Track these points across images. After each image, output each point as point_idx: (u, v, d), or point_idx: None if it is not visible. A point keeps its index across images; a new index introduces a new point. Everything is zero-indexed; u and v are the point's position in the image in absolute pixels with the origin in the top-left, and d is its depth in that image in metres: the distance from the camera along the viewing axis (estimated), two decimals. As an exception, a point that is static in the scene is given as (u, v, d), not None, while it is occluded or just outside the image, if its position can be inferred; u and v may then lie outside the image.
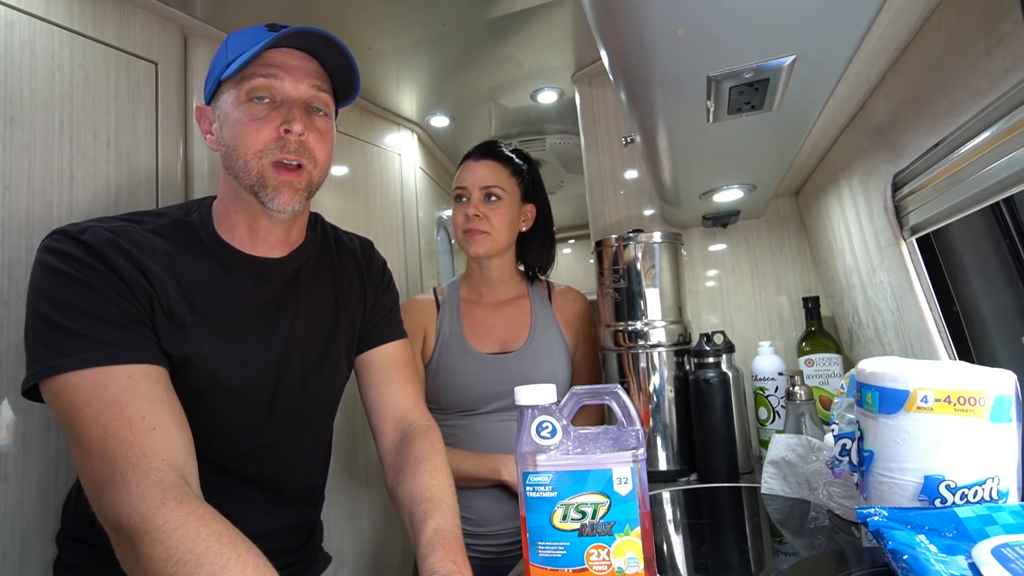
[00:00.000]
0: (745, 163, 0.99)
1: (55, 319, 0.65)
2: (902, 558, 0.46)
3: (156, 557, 0.55)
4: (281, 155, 0.75)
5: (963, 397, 0.53)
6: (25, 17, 0.97)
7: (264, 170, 0.75)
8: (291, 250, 0.86)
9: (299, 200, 0.77)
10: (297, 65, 0.77)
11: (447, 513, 0.75)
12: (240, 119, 0.74)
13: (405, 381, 0.95)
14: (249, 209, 0.79)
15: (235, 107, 0.75)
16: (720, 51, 0.59)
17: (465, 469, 1.12)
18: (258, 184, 0.75)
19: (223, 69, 0.75)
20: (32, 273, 0.69)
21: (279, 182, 0.75)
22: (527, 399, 0.62)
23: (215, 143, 0.79)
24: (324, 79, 0.80)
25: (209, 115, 0.80)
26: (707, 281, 1.50)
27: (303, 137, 0.75)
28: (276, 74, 0.75)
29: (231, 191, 0.79)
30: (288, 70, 0.76)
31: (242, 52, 0.74)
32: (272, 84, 0.75)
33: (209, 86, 0.79)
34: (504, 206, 1.18)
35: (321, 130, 0.79)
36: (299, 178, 0.77)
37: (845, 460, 0.69)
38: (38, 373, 0.64)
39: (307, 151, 0.77)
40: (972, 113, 0.66)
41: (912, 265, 0.92)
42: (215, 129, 0.79)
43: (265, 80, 0.74)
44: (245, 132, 0.74)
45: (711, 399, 1.09)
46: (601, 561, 0.57)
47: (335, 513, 1.45)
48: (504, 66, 1.61)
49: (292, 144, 0.75)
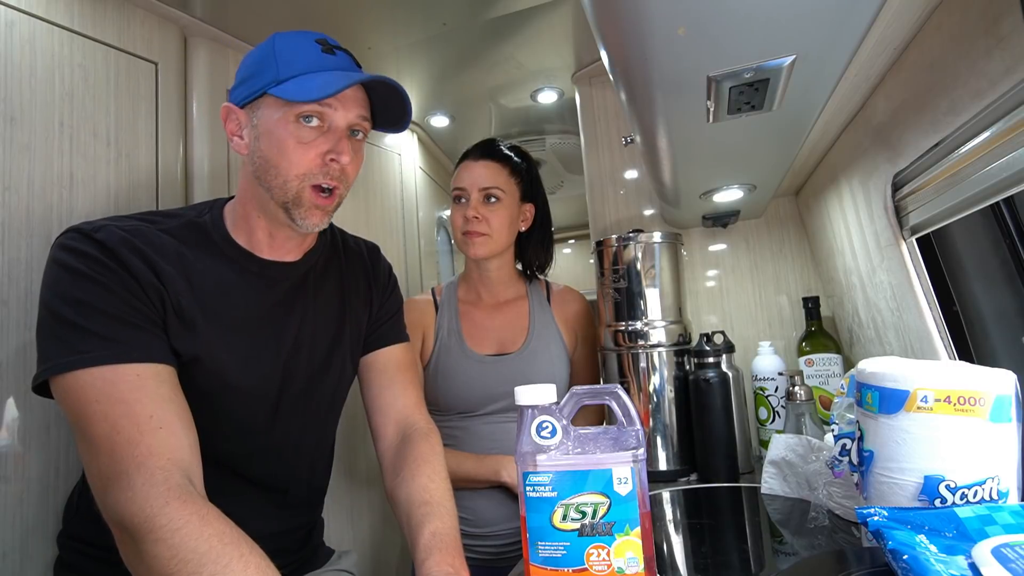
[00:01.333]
0: (745, 163, 0.99)
1: (67, 316, 0.66)
2: (902, 558, 0.46)
3: (159, 556, 0.56)
4: (323, 181, 0.77)
5: (963, 397, 0.53)
6: (25, 17, 0.97)
7: (302, 192, 0.76)
8: (303, 254, 0.87)
9: (327, 220, 0.81)
10: (349, 95, 0.78)
11: (445, 516, 0.75)
12: (286, 139, 0.75)
13: (407, 383, 0.95)
14: (272, 220, 0.81)
15: (281, 124, 0.75)
16: (720, 51, 0.59)
17: (465, 471, 1.12)
18: (293, 203, 0.77)
19: (273, 83, 0.74)
20: (46, 270, 0.70)
21: (314, 205, 0.77)
22: (527, 399, 0.62)
23: (244, 148, 0.79)
24: (368, 107, 0.82)
25: (242, 119, 0.79)
26: (707, 281, 1.50)
27: (346, 166, 0.78)
28: (331, 104, 0.76)
29: (256, 200, 0.80)
30: (342, 100, 0.77)
31: (296, 72, 0.74)
32: (324, 111, 0.76)
33: (248, 92, 0.77)
34: (504, 207, 1.18)
35: (358, 153, 0.82)
36: (332, 203, 0.80)
37: (845, 460, 0.69)
38: (50, 369, 0.65)
39: (344, 176, 0.79)
40: (972, 113, 0.66)
41: (912, 265, 0.92)
42: (247, 135, 0.79)
43: (319, 107, 0.75)
44: (291, 154, 0.75)
45: (711, 399, 1.09)
46: (601, 561, 0.57)
47: (335, 513, 1.45)
48: (504, 66, 1.61)
49: (335, 171, 0.77)
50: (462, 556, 0.71)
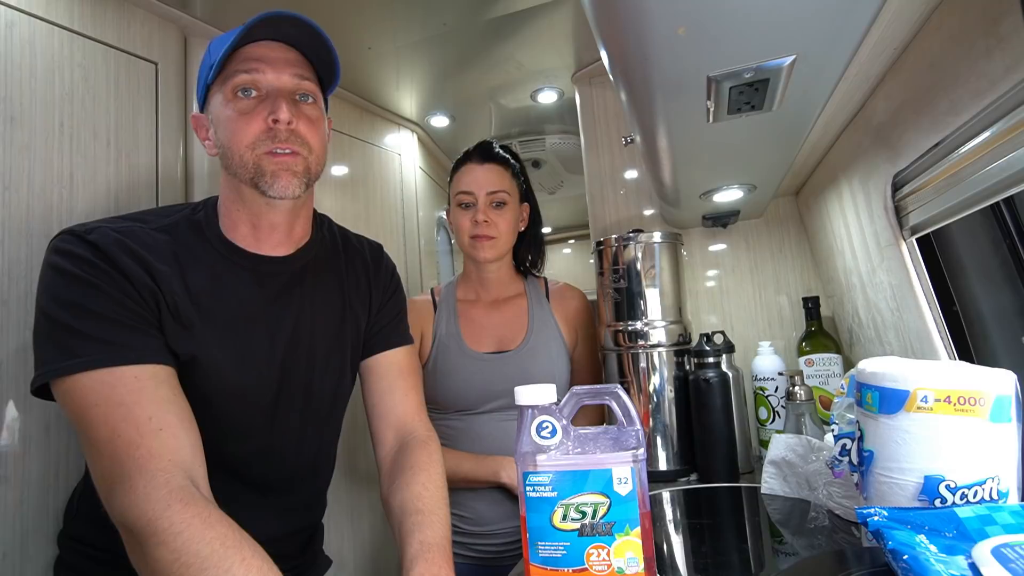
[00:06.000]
0: (745, 163, 0.99)
1: (63, 319, 0.65)
2: (902, 558, 0.46)
3: (162, 559, 0.56)
4: (273, 145, 0.75)
5: (963, 397, 0.53)
6: (25, 17, 0.97)
7: (259, 160, 0.75)
8: (296, 248, 0.86)
9: (298, 184, 0.77)
10: (277, 56, 0.77)
11: (436, 525, 0.75)
12: (230, 116, 0.75)
13: (408, 388, 0.94)
14: (251, 205, 0.79)
15: (224, 106, 0.76)
16: (720, 51, 0.59)
17: (464, 471, 1.12)
18: (256, 174, 0.75)
19: (208, 71, 0.77)
20: (40, 273, 0.70)
21: (276, 165, 0.75)
22: (527, 399, 0.61)
23: (212, 147, 0.80)
24: (307, 67, 0.80)
25: (204, 122, 0.81)
26: (707, 281, 1.50)
27: (292, 125, 0.75)
28: (257, 68, 0.75)
29: (232, 190, 0.80)
30: (269, 62, 0.76)
31: (223, 47, 0.75)
32: (255, 78, 0.75)
33: (199, 93, 0.80)
34: (510, 210, 1.19)
35: (311, 117, 0.79)
36: (295, 161, 0.77)
37: (845, 460, 0.69)
38: (47, 374, 0.65)
39: (299, 138, 0.77)
40: (972, 113, 0.66)
41: (912, 265, 0.92)
42: (211, 135, 0.79)
43: (248, 75, 0.75)
44: (235, 128, 0.75)
45: (711, 399, 1.09)
46: (601, 561, 0.57)
47: (335, 514, 1.45)
48: (504, 66, 1.61)
49: (282, 133, 0.75)
50: (451, 561, 0.70)
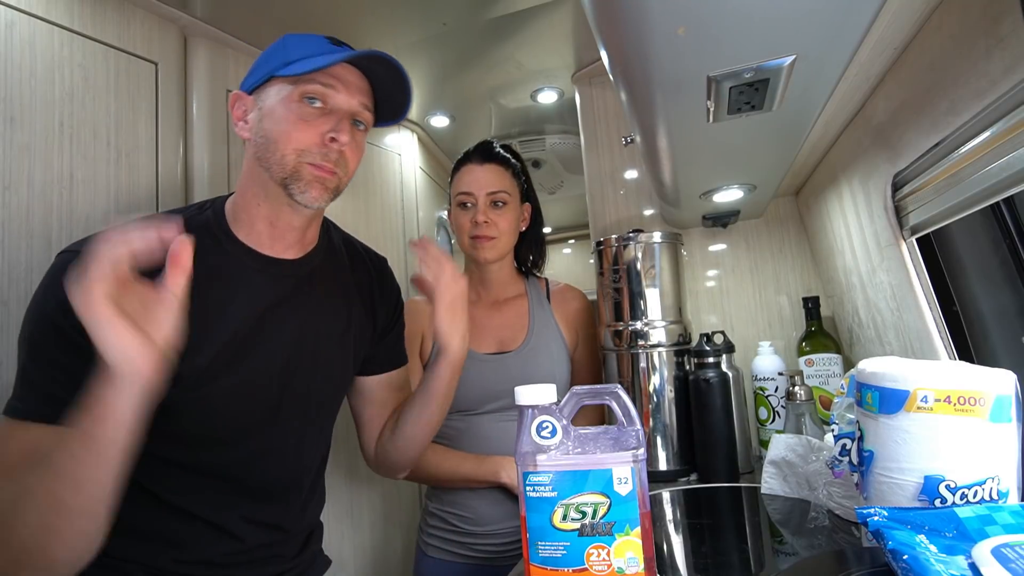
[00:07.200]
0: (745, 163, 0.99)
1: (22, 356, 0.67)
2: (902, 558, 0.46)
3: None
4: (320, 161, 0.77)
5: (963, 397, 0.53)
6: (25, 17, 0.97)
7: (300, 167, 0.77)
8: (305, 252, 0.87)
9: (327, 198, 0.80)
10: (353, 81, 0.80)
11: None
12: (288, 116, 0.77)
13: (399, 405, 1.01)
14: (273, 203, 0.80)
15: (284, 103, 0.77)
16: (720, 51, 0.59)
17: (465, 471, 1.12)
18: (292, 177, 0.77)
19: (281, 65, 0.77)
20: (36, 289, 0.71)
21: (313, 177, 0.78)
22: (527, 399, 0.61)
23: (247, 131, 0.81)
24: (371, 98, 0.83)
25: (248, 103, 0.81)
26: (707, 281, 1.50)
27: (344, 148, 0.78)
28: (334, 85, 0.78)
29: (256, 183, 0.80)
30: (346, 84, 0.79)
31: (304, 56, 0.77)
32: (328, 92, 0.78)
33: (257, 77, 0.80)
34: (511, 210, 1.19)
35: (359, 144, 0.83)
36: (332, 178, 0.80)
37: (845, 460, 0.69)
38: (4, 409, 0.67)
39: (343, 160, 0.80)
40: (972, 113, 0.66)
41: (912, 265, 0.92)
42: (251, 118, 0.80)
43: (323, 88, 0.77)
44: (291, 129, 0.76)
45: (711, 399, 1.09)
46: (601, 561, 0.57)
47: (335, 513, 1.45)
48: (504, 66, 1.61)
49: (333, 154, 0.78)
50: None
